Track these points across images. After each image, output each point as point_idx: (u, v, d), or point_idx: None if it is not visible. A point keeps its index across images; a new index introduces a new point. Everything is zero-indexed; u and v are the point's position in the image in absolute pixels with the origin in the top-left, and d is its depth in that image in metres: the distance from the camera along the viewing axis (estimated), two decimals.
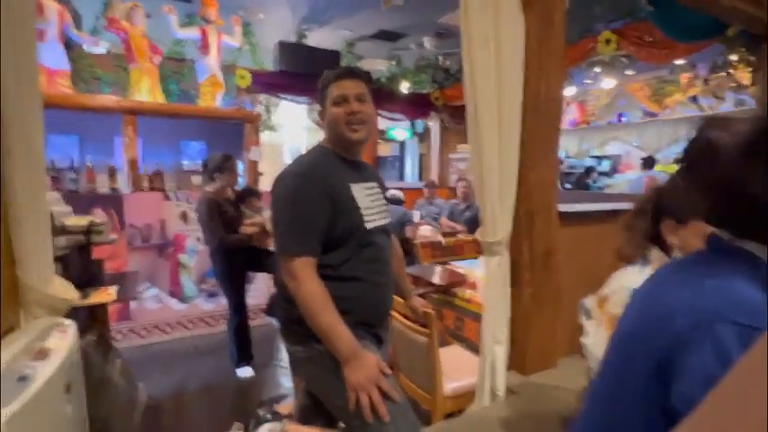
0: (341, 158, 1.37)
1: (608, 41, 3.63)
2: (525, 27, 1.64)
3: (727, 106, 5.08)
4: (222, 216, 2.81)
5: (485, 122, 1.59)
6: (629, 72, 5.99)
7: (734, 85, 4.66)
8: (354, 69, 1.38)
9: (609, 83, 4.80)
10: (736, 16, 2.61)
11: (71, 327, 1.12)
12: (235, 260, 2.92)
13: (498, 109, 1.60)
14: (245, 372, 3.01)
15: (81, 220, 2.18)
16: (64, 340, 1.04)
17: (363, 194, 1.35)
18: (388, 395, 1.22)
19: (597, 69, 4.48)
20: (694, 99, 5.49)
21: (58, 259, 1.90)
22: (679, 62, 5.17)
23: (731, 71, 3.61)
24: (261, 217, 3.05)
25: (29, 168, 1.05)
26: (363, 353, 1.23)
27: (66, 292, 1.17)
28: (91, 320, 2.36)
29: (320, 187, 1.26)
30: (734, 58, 3.53)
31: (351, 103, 1.31)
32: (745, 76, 4.24)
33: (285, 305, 1.34)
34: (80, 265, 2.30)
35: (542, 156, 1.70)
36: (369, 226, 1.33)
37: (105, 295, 2.14)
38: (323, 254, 1.27)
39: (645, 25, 3.43)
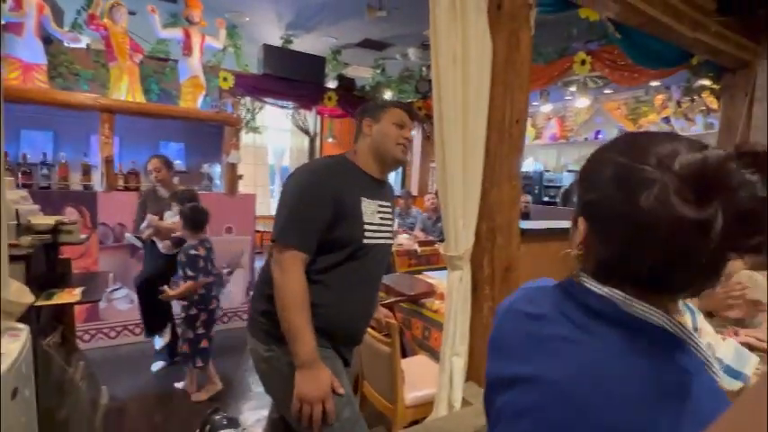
0: (363, 173, 1.42)
1: (583, 62, 3.75)
2: (492, 49, 1.70)
3: (697, 128, 5.28)
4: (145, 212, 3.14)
5: (450, 138, 1.64)
6: (607, 91, 6.16)
7: (703, 108, 4.84)
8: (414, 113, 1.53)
9: (583, 102, 4.97)
10: (700, 47, 2.73)
11: (24, 331, 1.11)
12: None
13: (463, 126, 1.66)
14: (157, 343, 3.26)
15: (48, 220, 2.16)
16: (14, 345, 1.04)
17: (373, 210, 1.39)
18: (326, 417, 1.23)
19: (572, 89, 4.61)
20: (667, 120, 5.69)
21: (21, 258, 1.89)
22: (654, 83, 5.36)
23: (698, 97, 3.76)
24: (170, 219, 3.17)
25: None
26: (319, 365, 1.24)
27: (22, 295, 1.17)
28: (55, 321, 2.33)
29: (328, 190, 1.29)
30: (702, 83, 3.68)
31: (408, 131, 1.43)
32: (713, 100, 4.40)
33: (262, 299, 1.34)
34: (46, 264, 2.27)
35: (505, 174, 1.75)
36: (367, 241, 1.35)
37: (70, 296, 2.12)
38: (315, 255, 1.30)
39: (618, 48, 3.55)
